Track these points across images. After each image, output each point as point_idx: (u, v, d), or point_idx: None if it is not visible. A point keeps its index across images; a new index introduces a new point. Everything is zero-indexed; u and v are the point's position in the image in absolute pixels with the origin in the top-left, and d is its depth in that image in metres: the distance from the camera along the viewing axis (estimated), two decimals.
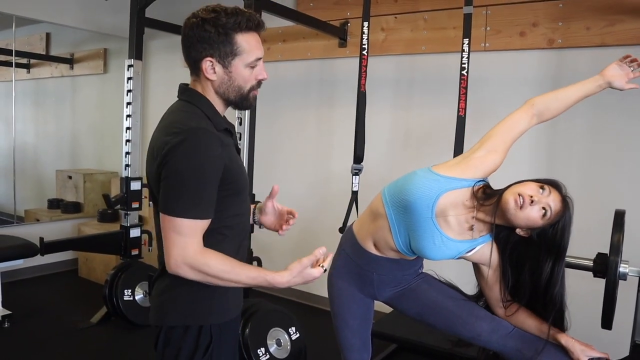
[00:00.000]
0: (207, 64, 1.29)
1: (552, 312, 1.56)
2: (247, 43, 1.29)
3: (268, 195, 1.53)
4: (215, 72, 1.30)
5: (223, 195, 1.29)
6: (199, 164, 1.21)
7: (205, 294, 1.32)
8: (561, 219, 1.50)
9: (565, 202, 1.51)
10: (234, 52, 1.28)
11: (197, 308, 1.31)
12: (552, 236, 1.52)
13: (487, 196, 1.56)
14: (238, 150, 1.44)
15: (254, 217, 1.58)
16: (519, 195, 1.49)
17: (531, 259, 1.58)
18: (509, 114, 1.66)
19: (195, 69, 1.32)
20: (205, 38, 1.26)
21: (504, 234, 1.60)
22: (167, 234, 1.22)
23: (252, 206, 1.57)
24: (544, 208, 1.48)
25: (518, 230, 1.56)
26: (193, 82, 1.36)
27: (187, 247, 1.21)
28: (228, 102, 1.37)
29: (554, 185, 1.52)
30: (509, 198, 1.51)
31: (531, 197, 1.48)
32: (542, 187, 1.50)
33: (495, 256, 1.64)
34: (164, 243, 1.25)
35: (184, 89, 1.38)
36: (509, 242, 1.61)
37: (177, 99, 1.39)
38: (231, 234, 1.37)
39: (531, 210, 1.48)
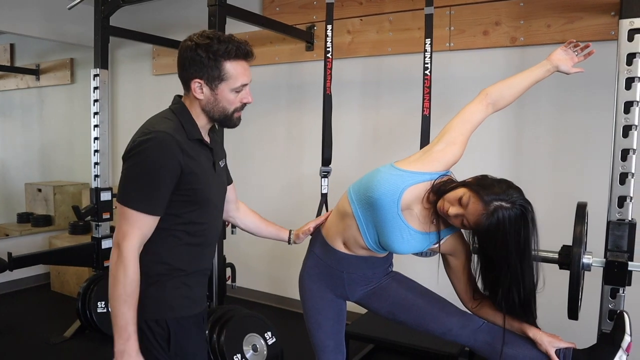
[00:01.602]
0: (196, 85, 1.43)
1: (509, 307, 1.58)
2: (234, 70, 1.43)
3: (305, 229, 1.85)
4: (202, 93, 1.44)
5: (180, 200, 1.41)
6: (154, 162, 1.34)
7: (159, 289, 1.44)
8: (480, 228, 1.47)
9: (486, 215, 1.45)
10: (221, 77, 1.42)
11: (151, 303, 1.41)
12: (483, 241, 1.54)
13: (440, 192, 1.57)
14: (215, 167, 1.55)
15: (289, 240, 1.90)
16: (444, 202, 1.53)
17: (482, 256, 1.60)
18: (465, 105, 1.68)
19: (186, 86, 1.47)
20: (197, 61, 1.40)
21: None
22: (119, 221, 1.37)
23: (287, 232, 1.90)
24: (461, 219, 1.50)
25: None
26: (184, 96, 1.51)
27: (127, 235, 1.34)
28: (213, 120, 1.50)
29: (479, 194, 1.47)
30: (439, 203, 1.55)
31: (448, 209, 1.51)
32: (461, 199, 1.49)
33: (460, 247, 1.68)
34: (115, 233, 1.37)
35: (175, 100, 1.52)
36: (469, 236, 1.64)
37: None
38: (189, 240, 1.47)
39: (452, 218, 1.53)
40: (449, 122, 1.67)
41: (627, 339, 1.57)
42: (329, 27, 2.63)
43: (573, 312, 1.75)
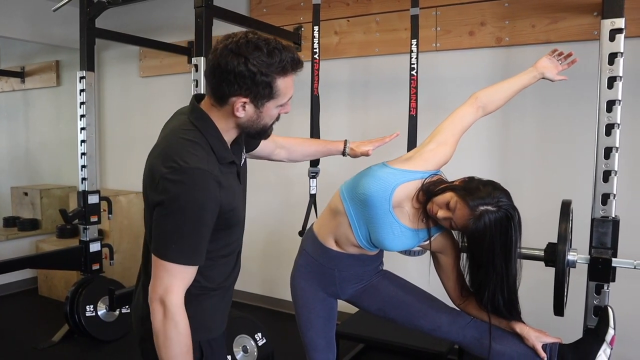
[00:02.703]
0: (239, 104, 1.23)
1: (495, 306, 1.60)
2: (285, 86, 1.25)
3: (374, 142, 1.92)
4: (245, 111, 1.25)
5: (215, 229, 1.27)
6: (193, 209, 1.19)
7: (193, 310, 1.30)
8: (468, 231, 1.51)
9: (473, 219, 1.48)
10: (271, 95, 1.24)
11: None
12: (470, 243, 1.57)
13: (429, 193, 1.60)
14: (240, 178, 1.41)
15: (344, 151, 1.91)
16: (433, 205, 1.57)
17: (470, 256, 1.62)
18: (456, 108, 1.73)
19: (222, 101, 1.25)
20: (245, 77, 1.19)
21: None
22: (156, 271, 1.22)
23: (342, 143, 1.91)
24: (450, 222, 1.55)
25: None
26: (209, 106, 1.28)
27: (171, 289, 1.20)
28: (246, 134, 1.35)
29: (465, 200, 1.50)
30: (428, 205, 1.59)
31: (436, 212, 1.55)
32: (448, 204, 1.53)
33: (449, 245, 1.71)
34: (152, 277, 1.23)
35: (196, 110, 1.30)
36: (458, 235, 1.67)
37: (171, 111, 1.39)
38: (223, 261, 1.39)
39: (440, 220, 1.57)
40: (440, 124, 1.72)
41: (611, 332, 1.61)
42: (316, 28, 2.65)
43: (559, 308, 1.78)
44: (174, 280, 1.20)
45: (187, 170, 1.18)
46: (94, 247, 3.53)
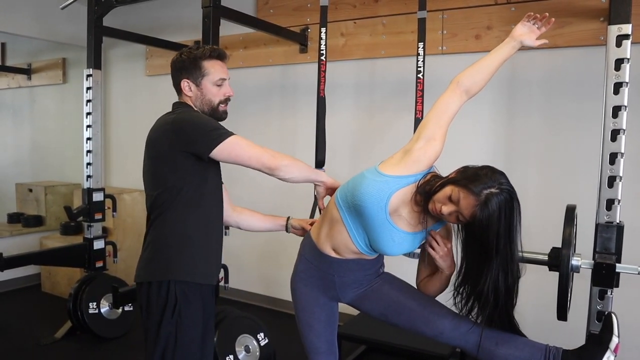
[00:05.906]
0: (185, 84, 1.76)
1: (495, 290, 1.57)
2: (212, 67, 1.76)
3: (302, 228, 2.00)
4: (190, 90, 1.76)
5: (209, 165, 1.73)
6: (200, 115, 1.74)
7: (200, 255, 1.74)
8: (476, 218, 1.48)
9: (480, 205, 1.47)
10: (202, 74, 1.75)
11: (197, 266, 1.72)
12: (474, 234, 1.54)
13: (427, 193, 1.59)
14: None
15: (287, 228, 2.03)
16: (434, 204, 1.55)
17: (472, 248, 1.61)
18: (438, 97, 1.66)
19: (178, 90, 1.80)
20: (181, 66, 1.76)
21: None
22: (241, 153, 1.69)
23: (284, 220, 2.05)
24: (456, 215, 1.53)
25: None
26: (181, 100, 1.83)
27: (259, 150, 1.72)
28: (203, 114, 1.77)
29: (467, 188, 1.49)
30: (430, 205, 1.57)
31: (440, 209, 1.53)
32: (450, 197, 1.51)
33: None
34: (250, 160, 1.70)
35: (176, 104, 1.81)
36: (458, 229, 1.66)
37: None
38: (211, 209, 1.79)
39: (446, 217, 1.55)
40: (425, 116, 1.66)
41: (615, 340, 1.60)
42: (323, 29, 2.65)
43: (562, 313, 1.78)
44: (254, 146, 1.71)
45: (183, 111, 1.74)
46: (98, 244, 3.55)
